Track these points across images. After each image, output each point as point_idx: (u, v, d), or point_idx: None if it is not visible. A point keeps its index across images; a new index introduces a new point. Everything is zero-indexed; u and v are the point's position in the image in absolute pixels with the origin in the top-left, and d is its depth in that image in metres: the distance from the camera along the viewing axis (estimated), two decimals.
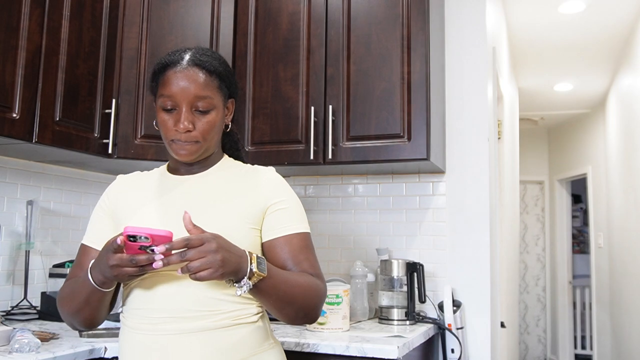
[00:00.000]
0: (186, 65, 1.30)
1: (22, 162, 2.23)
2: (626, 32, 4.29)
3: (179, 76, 1.29)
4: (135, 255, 1.09)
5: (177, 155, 1.32)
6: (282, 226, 1.33)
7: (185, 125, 1.28)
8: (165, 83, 1.30)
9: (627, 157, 4.69)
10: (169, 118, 1.30)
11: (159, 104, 1.31)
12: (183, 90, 1.28)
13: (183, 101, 1.28)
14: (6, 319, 1.97)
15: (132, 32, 2.27)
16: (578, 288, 7.08)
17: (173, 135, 1.30)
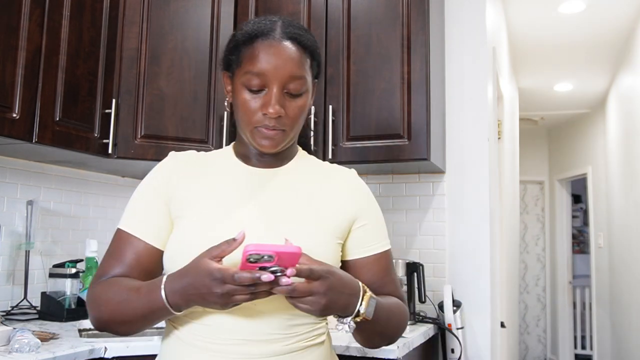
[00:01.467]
0: (279, 38, 1.09)
1: (22, 162, 2.23)
2: (626, 32, 4.29)
3: (273, 50, 1.08)
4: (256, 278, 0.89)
5: (259, 145, 1.10)
6: (371, 244, 1.17)
7: (277, 109, 1.06)
8: (253, 57, 1.08)
9: (627, 157, 4.68)
10: (253, 99, 1.08)
11: (242, 82, 1.09)
12: (277, 67, 1.07)
13: (275, 81, 1.07)
14: (6, 319, 1.96)
15: (132, 32, 2.27)
16: (578, 288, 7.08)
17: (258, 121, 1.08)
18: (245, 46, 1.10)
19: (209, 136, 2.33)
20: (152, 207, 1.12)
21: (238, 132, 1.17)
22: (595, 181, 6.05)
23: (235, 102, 1.12)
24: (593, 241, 6.13)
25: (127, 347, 1.71)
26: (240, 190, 1.13)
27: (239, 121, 1.12)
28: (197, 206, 1.10)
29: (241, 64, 1.10)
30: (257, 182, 1.15)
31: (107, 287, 1.07)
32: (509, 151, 4.13)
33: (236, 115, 1.13)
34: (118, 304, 1.04)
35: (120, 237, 1.12)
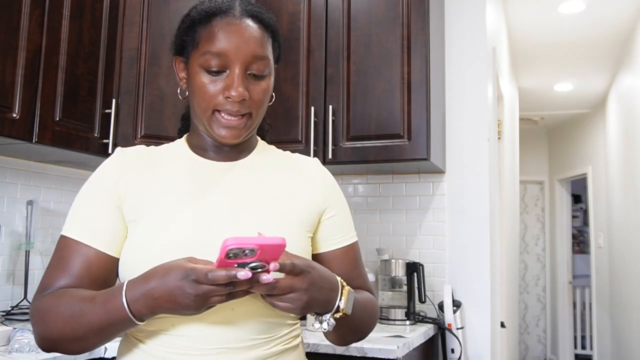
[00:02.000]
0: (239, 15, 1.01)
1: (22, 162, 2.23)
2: (626, 32, 4.29)
3: (233, 28, 0.99)
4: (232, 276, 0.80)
5: (218, 135, 1.01)
6: (339, 236, 1.12)
7: (240, 91, 0.97)
8: (211, 36, 0.99)
9: (627, 157, 4.68)
10: (212, 82, 0.99)
11: (200, 63, 0.99)
12: (239, 46, 0.98)
13: (237, 61, 0.98)
14: (6, 319, 1.97)
15: (132, 32, 2.27)
16: (578, 288, 7.08)
17: (219, 104, 0.99)
18: (202, 25, 1.01)
19: None
20: (102, 211, 1.00)
21: (193, 122, 1.08)
22: (595, 181, 6.05)
23: (191, 87, 1.02)
24: (593, 241, 6.13)
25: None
26: (200, 185, 1.03)
27: (195, 108, 1.02)
28: (153, 206, 0.99)
29: (198, 45, 1.00)
30: (217, 176, 1.05)
31: (54, 299, 0.93)
32: (509, 151, 4.13)
33: (192, 102, 1.03)
34: (69, 318, 0.90)
35: (66, 246, 0.99)
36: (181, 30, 1.07)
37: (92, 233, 0.99)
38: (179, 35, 1.07)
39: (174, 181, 1.03)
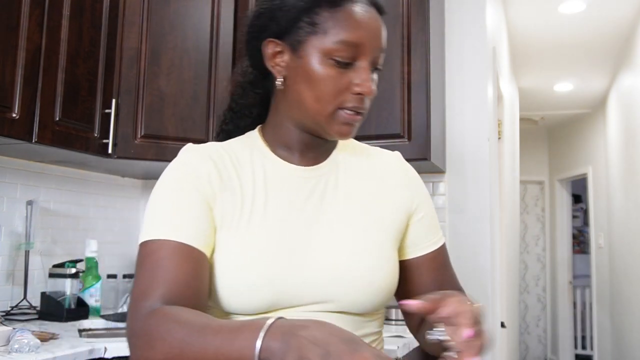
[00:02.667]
0: (367, 2, 0.91)
1: (22, 162, 2.23)
2: (626, 32, 4.29)
3: (367, 17, 0.89)
4: None
5: (337, 131, 0.91)
6: (429, 239, 1.02)
7: (373, 89, 0.90)
8: (346, 23, 0.87)
9: (627, 157, 4.68)
10: (340, 75, 0.88)
11: (327, 52, 0.87)
12: (373, 38, 0.89)
13: (369, 54, 0.90)
14: (6, 319, 1.96)
15: (132, 32, 2.27)
16: (578, 288, 7.08)
17: (346, 100, 0.89)
18: (329, 8, 0.88)
19: (209, 136, 2.33)
20: (200, 212, 0.88)
21: (277, 117, 0.96)
22: (596, 181, 6.05)
23: (308, 78, 0.88)
24: (593, 241, 6.13)
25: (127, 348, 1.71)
26: (289, 197, 0.93)
27: (308, 102, 0.89)
28: (243, 216, 0.90)
29: (326, 31, 0.87)
30: (305, 186, 0.95)
31: (166, 321, 0.77)
32: (509, 151, 4.13)
33: (302, 94, 0.90)
34: (182, 343, 0.74)
35: (161, 248, 0.85)
36: (292, 8, 0.89)
37: (195, 235, 0.86)
38: (283, 16, 0.90)
39: (260, 189, 0.92)
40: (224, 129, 1.06)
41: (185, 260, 0.84)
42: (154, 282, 0.82)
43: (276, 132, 0.97)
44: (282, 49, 0.91)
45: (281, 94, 0.94)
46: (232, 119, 1.06)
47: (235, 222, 0.89)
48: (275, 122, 0.98)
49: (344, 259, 0.90)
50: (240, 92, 1.04)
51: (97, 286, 2.24)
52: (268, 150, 0.97)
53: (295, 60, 0.90)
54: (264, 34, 0.92)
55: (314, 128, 0.92)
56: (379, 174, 1.02)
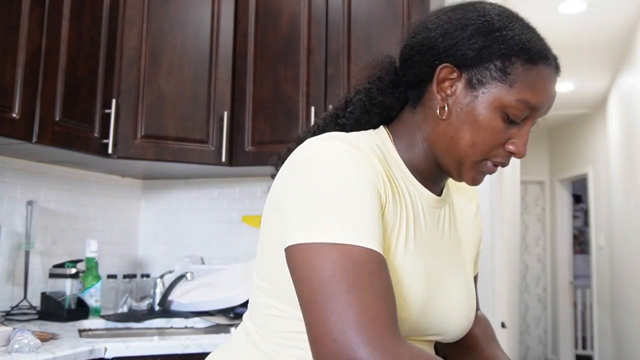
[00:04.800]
0: (555, 69, 0.89)
1: (22, 162, 2.23)
2: (627, 32, 4.29)
3: (551, 85, 0.87)
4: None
5: (470, 178, 0.87)
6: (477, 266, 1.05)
7: (525, 151, 0.87)
8: (535, 85, 0.84)
9: (628, 157, 4.68)
10: (504, 130, 0.84)
11: (505, 105, 0.83)
12: (550, 104, 0.88)
13: (535, 119, 0.88)
14: (6, 319, 1.96)
15: (132, 32, 2.27)
16: (579, 288, 7.08)
17: (496, 155, 0.86)
18: (524, 63, 0.83)
19: (209, 136, 2.33)
20: (380, 217, 0.78)
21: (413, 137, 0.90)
22: (596, 181, 6.05)
23: (473, 120, 0.83)
24: (594, 241, 6.12)
25: (127, 348, 1.71)
26: (429, 224, 0.90)
27: (461, 145, 0.84)
28: (400, 234, 0.83)
29: (512, 84, 0.82)
30: (435, 216, 0.92)
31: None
32: None
33: (458, 133, 0.84)
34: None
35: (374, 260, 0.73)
36: (484, 48, 0.83)
37: (379, 242, 0.76)
38: (474, 51, 0.83)
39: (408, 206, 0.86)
40: (340, 122, 0.94)
41: (387, 275, 0.75)
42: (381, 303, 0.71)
43: (410, 150, 0.90)
44: (456, 78, 0.85)
45: (432, 119, 0.87)
46: (357, 113, 0.93)
47: (395, 236, 0.82)
48: (410, 138, 0.90)
49: (464, 295, 0.92)
50: (379, 88, 0.92)
51: (97, 286, 2.24)
52: (404, 166, 0.90)
53: (467, 96, 0.84)
54: (443, 57, 0.85)
55: (450, 166, 0.87)
56: (468, 209, 1.02)
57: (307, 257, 0.73)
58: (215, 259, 2.72)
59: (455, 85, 0.85)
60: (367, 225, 0.74)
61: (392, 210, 0.82)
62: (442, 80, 0.86)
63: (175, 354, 1.76)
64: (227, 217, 2.76)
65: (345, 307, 0.69)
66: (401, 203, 0.84)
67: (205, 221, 2.79)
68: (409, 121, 0.91)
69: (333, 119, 0.95)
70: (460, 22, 0.85)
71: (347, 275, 0.70)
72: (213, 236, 2.77)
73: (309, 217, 0.75)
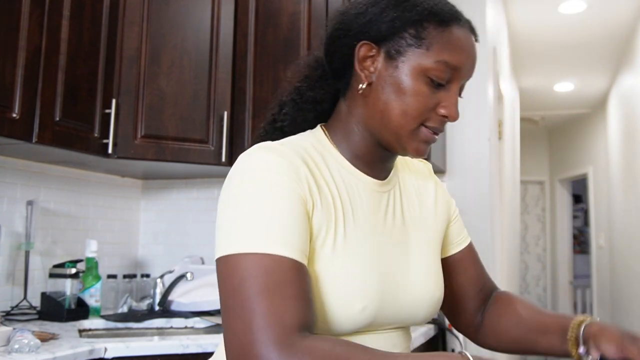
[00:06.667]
0: (468, 28, 0.91)
1: (22, 162, 2.23)
2: (627, 32, 4.29)
3: (469, 43, 0.88)
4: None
5: (413, 149, 0.88)
6: (462, 234, 1.07)
7: (458, 113, 0.87)
8: (452, 44, 0.85)
9: (628, 157, 4.68)
10: (431, 94, 0.85)
11: (426, 69, 0.84)
12: (469, 64, 0.88)
13: (461, 79, 0.88)
14: (6, 319, 1.96)
15: (132, 32, 2.27)
16: (579, 288, 7.08)
17: (429, 120, 0.86)
18: (437, 27, 0.85)
19: (209, 136, 2.33)
20: (302, 221, 0.80)
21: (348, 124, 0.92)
22: (596, 181, 6.05)
23: (398, 91, 0.85)
24: (594, 241, 6.12)
25: (127, 347, 1.71)
26: (369, 211, 0.90)
27: (393, 115, 0.86)
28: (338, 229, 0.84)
29: (429, 48, 0.84)
30: (380, 201, 0.92)
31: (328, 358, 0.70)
32: (509, 151, 4.13)
33: (388, 105, 0.86)
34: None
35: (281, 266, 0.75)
36: (395, 18, 0.85)
37: (303, 250, 0.79)
38: (386, 23, 0.86)
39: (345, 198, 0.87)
40: (278, 125, 0.97)
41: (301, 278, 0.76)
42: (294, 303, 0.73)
43: (347, 139, 0.92)
44: (376, 54, 0.87)
45: (360, 100, 0.89)
46: (291, 112, 0.96)
47: (331, 235, 0.83)
48: (345, 127, 0.92)
49: (423, 279, 0.92)
50: (308, 84, 0.97)
51: (97, 286, 2.24)
52: (342, 157, 0.91)
53: (389, 68, 0.86)
54: (359, 35, 0.88)
55: (390, 141, 0.88)
56: (422, 189, 1.02)
57: (225, 268, 0.77)
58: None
59: (377, 61, 0.88)
60: (282, 233, 0.77)
61: (324, 211, 0.83)
62: (362, 58, 0.88)
63: (175, 354, 1.76)
64: None
65: (250, 312, 0.72)
66: (335, 201, 0.85)
67: (206, 221, 2.79)
68: (342, 111, 0.93)
69: (271, 124, 0.98)
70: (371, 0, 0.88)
71: (256, 282, 0.73)
72: (213, 236, 2.75)
73: (228, 229, 0.79)
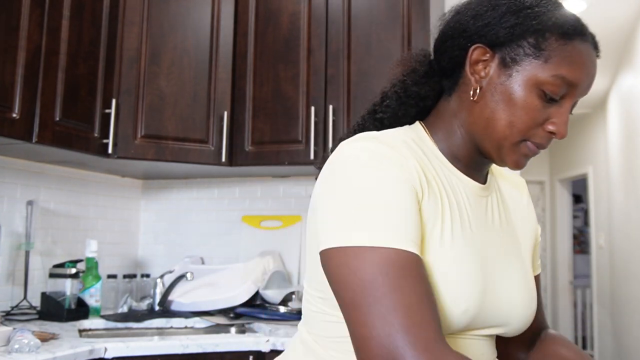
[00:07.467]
0: (592, 45, 0.84)
1: (22, 162, 2.23)
2: (627, 32, 4.29)
3: (591, 60, 0.83)
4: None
5: (511, 161, 0.85)
6: (537, 264, 1.02)
7: (566, 132, 0.83)
8: (572, 60, 0.81)
9: (628, 157, 4.68)
10: (543, 108, 0.81)
11: (541, 82, 0.80)
12: (587, 83, 0.83)
13: (576, 97, 0.83)
14: (6, 319, 1.96)
15: (132, 32, 2.27)
16: (579, 288, 7.08)
17: (535, 135, 0.83)
18: (558, 39, 0.81)
19: (209, 136, 2.33)
20: (416, 213, 0.78)
21: (450, 125, 0.90)
22: (596, 181, 6.05)
23: (506, 99, 0.82)
24: (594, 241, 6.12)
25: (127, 347, 1.71)
26: (473, 212, 0.87)
27: (498, 125, 0.83)
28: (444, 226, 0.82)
29: (547, 60, 0.81)
30: (481, 205, 0.90)
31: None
32: None
33: (494, 113, 0.83)
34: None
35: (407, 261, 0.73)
36: (516, 25, 0.82)
37: (419, 243, 0.77)
38: (506, 29, 0.83)
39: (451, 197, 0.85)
40: (378, 117, 0.94)
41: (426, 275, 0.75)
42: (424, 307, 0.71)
43: (448, 139, 0.90)
44: (489, 59, 0.85)
45: (468, 103, 0.87)
46: (393, 105, 0.93)
47: (438, 232, 0.80)
48: (447, 127, 0.90)
49: (522, 285, 0.90)
50: (413, 79, 0.92)
51: (97, 286, 2.24)
52: (443, 157, 0.89)
53: (501, 76, 0.83)
54: (475, 37, 0.85)
55: (491, 150, 0.86)
56: (518, 199, 1.00)
57: (345, 260, 0.73)
58: (215, 259, 2.72)
59: (489, 66, 0.85)
60: (403, 226, 0.74)
61: (432, 204, 0.80)
62: (475, 62, 0.85)
63: (175, 354, 1.76)
64: (227, 217, 2.76)
65: (390, 310, 0.69)
66: (442, 195, 0.83)
67: (205, 221, 2.79)
68: (445, 110, 0.91)
69: (371, 115, 0.95)
70: (491, 2, 0.85)
71: (388, 279, 0.71)
72: (213, 236, 2.77)
73: (344, 220, 0.75)
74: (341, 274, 0.73)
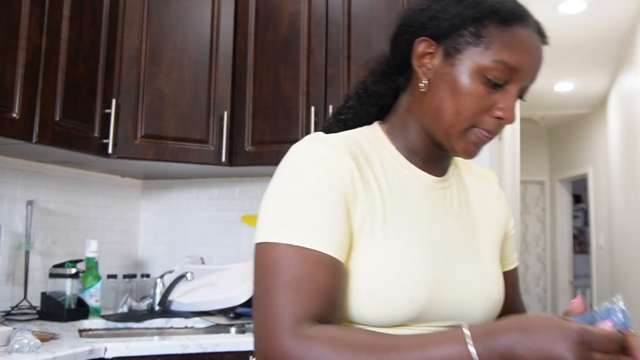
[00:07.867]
0: (534, 29, 0.86)
1: (22, 162, 2.23)
2: (627, 32, 4.29)
3: (533, 44, 0.85)
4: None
5: (462, 149, 0.87)
6: (512, 255, 1.04)
7: (515, 116, 0.84)
8: (511, 44, 0.83)
9: (628, 157, 4.68)
10: (487, 94, 0.83)
11: (483, 68, 0.83)
12: (531, 67, 0.84)
13: (521, 81, 0.84)
14: (6, 319, 1.96)
15: (132, 32, 2.27)
16: (579, 288, 7.08)
17: (482, 122, 0.85)
18: (497, 25, 0.83)
19: (209, 136, 2.33)
20: (340, 216, 0.80)
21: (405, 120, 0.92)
22: (596, 181, 6.05)
23: (452, 89, 0.84)
24: (594, 241, 6.12)
25: (127, 347, 1.71)
26: (424, 206, 0.89)
27: (445, 113, 0.85)
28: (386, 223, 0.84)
29: (488, 46, 0.83)
30: (436, 197, 0.91)
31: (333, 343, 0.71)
32: (509, 151, 4.12)
33: (442, 103, 0.85)
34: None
35: (306, 258, 0.77)
36: (456, 15, 0.84)
37: (334, 242, 0.79)
38: (447, 20, 0.85)
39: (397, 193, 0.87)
40: (342, 118, 0.98)
41: (326, 272, 0.77)
42: (306, 296, 0.75)
43: (403, 134, 0.92)
44: (434, 51, 0.87)
45: (418, 96, 0.89)
46: (355, 106, 0.97)
47: (378, 229, 0.82)
48: (402, 123, 0.92)
49: (479, 276, 0.90)
50: (373, 79, 0.97)
51: (97, 286, 2.24)
52: (398, 153, 0.91)
53: (446, 66, 0.86)
54: (419, 31, 0.88)
55: (441, 139, 0.88)
56: (484, 191, 1.01)
57: (257, 254, 0.80)
58: (215, 259, 2.72)
59: (435, 58, 0.87)
60: (316, 226, 0.78)
61: (367, 202, 0.83)
62: (421, 55, 0.88)
63: (175, 354, 1.76)
64: (227, 217, 2.76)
65: (269, 303, 0.76)
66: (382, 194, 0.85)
67: (205, 221, 2.79)
68: (400, 106, 0.94)
69: (335, 117, 0.99)
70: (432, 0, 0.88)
71: (279, 273, 0.76)
72: (213, 236, 2.77)
73: (267, 217, 0.82)
74: (254, 266, 0.80)
